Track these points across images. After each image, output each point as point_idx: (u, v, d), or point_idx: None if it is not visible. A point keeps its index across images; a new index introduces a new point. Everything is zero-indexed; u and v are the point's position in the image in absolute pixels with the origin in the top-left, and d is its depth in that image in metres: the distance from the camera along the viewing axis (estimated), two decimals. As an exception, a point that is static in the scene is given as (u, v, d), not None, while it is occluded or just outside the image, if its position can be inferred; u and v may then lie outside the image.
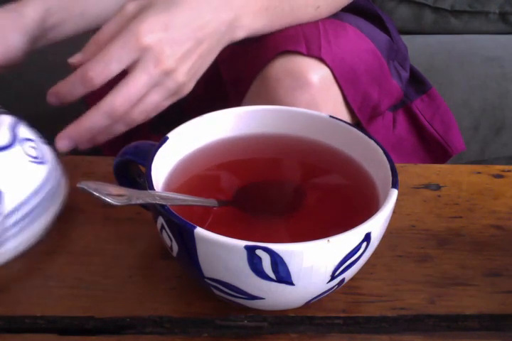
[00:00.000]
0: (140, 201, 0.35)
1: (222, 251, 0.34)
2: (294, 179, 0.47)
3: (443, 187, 0.53)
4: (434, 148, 0.74)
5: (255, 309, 0.40)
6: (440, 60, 1.07)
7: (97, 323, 0.40)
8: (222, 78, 0.66)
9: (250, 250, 0.33)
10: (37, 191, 0.44)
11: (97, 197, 0.33)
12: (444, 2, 1.15)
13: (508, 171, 0.55)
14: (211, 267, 0.36)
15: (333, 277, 0.36)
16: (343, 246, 0.35)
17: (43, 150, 0.46)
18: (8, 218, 0.42)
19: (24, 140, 0.45)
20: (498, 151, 1.04)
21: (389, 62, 0.67)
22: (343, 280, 0.38)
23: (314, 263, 0.34)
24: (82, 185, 0.33)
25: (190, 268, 0.38)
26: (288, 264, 0.34)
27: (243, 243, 0.33)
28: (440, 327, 0.41)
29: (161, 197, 0.36)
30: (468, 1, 1.15)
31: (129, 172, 0.43)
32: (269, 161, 0.47)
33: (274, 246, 0.33)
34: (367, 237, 0.35)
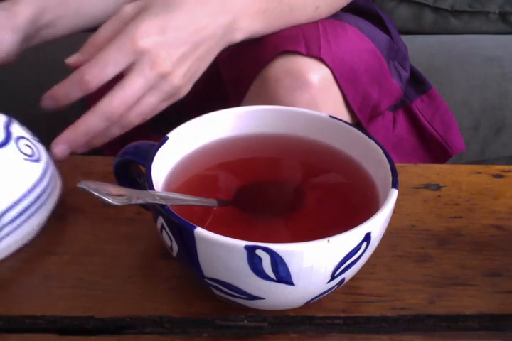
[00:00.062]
0: (140, 201, 0.35)
1: (222, 251, 0.34)
2: (294, 179, 0.47)
3: (443, 187, 0.53)
4: (434, 148, 0.74)
5: (255, 309, 0.40)
6: (440, 60, 1.07)
7: (97, 323, 0.40)
8: (222, 78, 0.66)
9: (250, 250, 0.33)
10: (32, 189, 0.44)
11: (97, 197, 0.33)
12: (444, 2, 1.15)
13: (508, 171, 0.55)
14: (211, 267, 0.36)
15: (333, 277, 0.36)
16: (343, 246, 0.35)
17: (37, 148, 0.46)
18: (2, 216, 0.42)
19: (18, 138, 0.45)
20: (498, 151, 1.04)
21: (389, 62, 0.67)
22: (343, 280, 0.38)
23: (314, 263, 0.34)
24: (82, 185, 0.33)
25: (190, 268, 0.38)
26: (288, 264, 0.34)
27: (243, 243, 0.33)
28: (440, 327, 0.41)
29: (161, 197, 0.36)
30: (468, 1, 1.15)
31: (129, 172, 0.43)
32: (269, 161, 0.47)
33: (274, 246, 0.33)
34: (367, 237, 0.35)
